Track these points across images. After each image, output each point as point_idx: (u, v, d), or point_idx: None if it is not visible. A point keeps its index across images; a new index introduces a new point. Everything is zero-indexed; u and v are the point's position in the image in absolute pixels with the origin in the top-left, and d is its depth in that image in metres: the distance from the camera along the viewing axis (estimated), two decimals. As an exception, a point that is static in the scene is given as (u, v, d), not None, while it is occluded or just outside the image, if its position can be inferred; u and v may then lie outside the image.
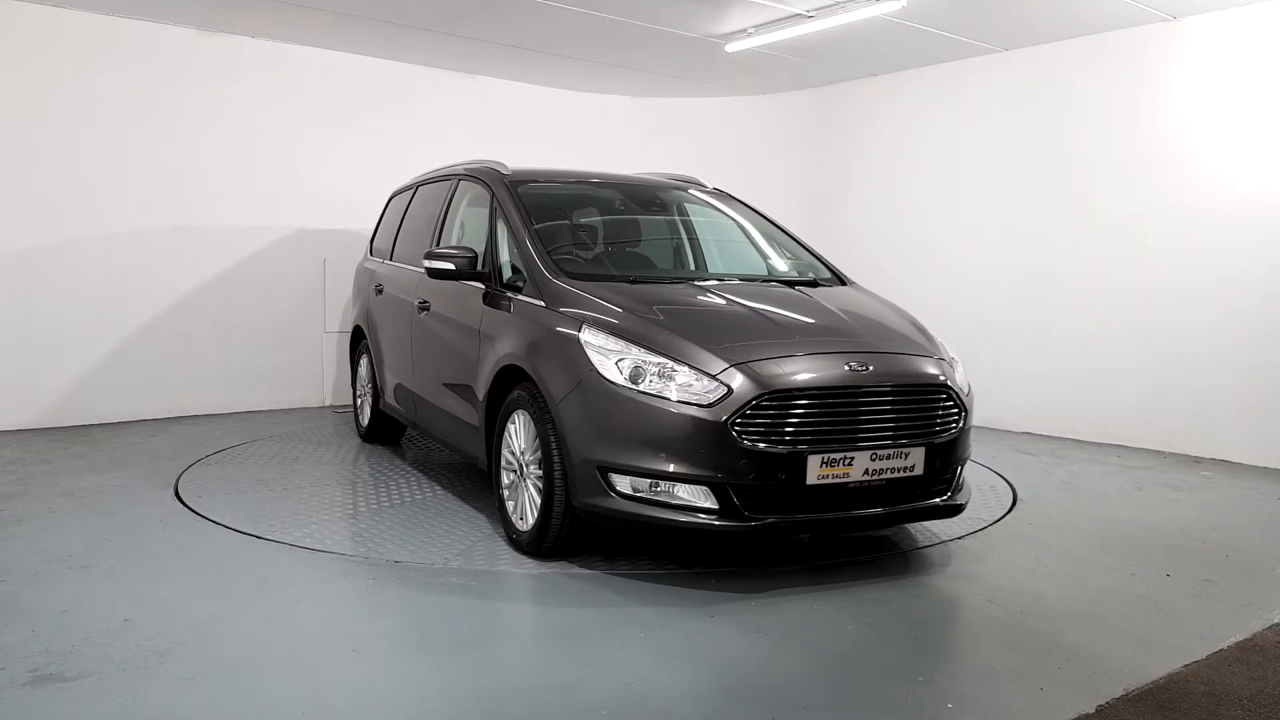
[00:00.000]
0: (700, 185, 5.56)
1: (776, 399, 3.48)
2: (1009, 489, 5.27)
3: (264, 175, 7.37)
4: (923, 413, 3.77)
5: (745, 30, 6.69)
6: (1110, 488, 5.39)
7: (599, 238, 5.00)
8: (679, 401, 3.47)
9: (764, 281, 4.63)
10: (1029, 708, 2.70)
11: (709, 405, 3.44)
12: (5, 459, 5.62)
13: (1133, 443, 6.56)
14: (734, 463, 3.42)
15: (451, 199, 5.27)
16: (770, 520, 3.49)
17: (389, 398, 5.73)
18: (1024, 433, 6.97)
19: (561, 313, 3.90)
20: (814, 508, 3.55)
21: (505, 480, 4.12)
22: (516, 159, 5.27)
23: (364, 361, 6.32)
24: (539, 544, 3.86)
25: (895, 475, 3.64)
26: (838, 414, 3.57)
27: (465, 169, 5.28)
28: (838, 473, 3.51)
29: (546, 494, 3.75)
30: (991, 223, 7.36)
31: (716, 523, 3.46)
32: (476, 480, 5.28)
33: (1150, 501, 5.12)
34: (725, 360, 3.53)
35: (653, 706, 2.67)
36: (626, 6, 6.20)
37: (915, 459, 3.67)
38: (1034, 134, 7.08)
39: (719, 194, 5.51)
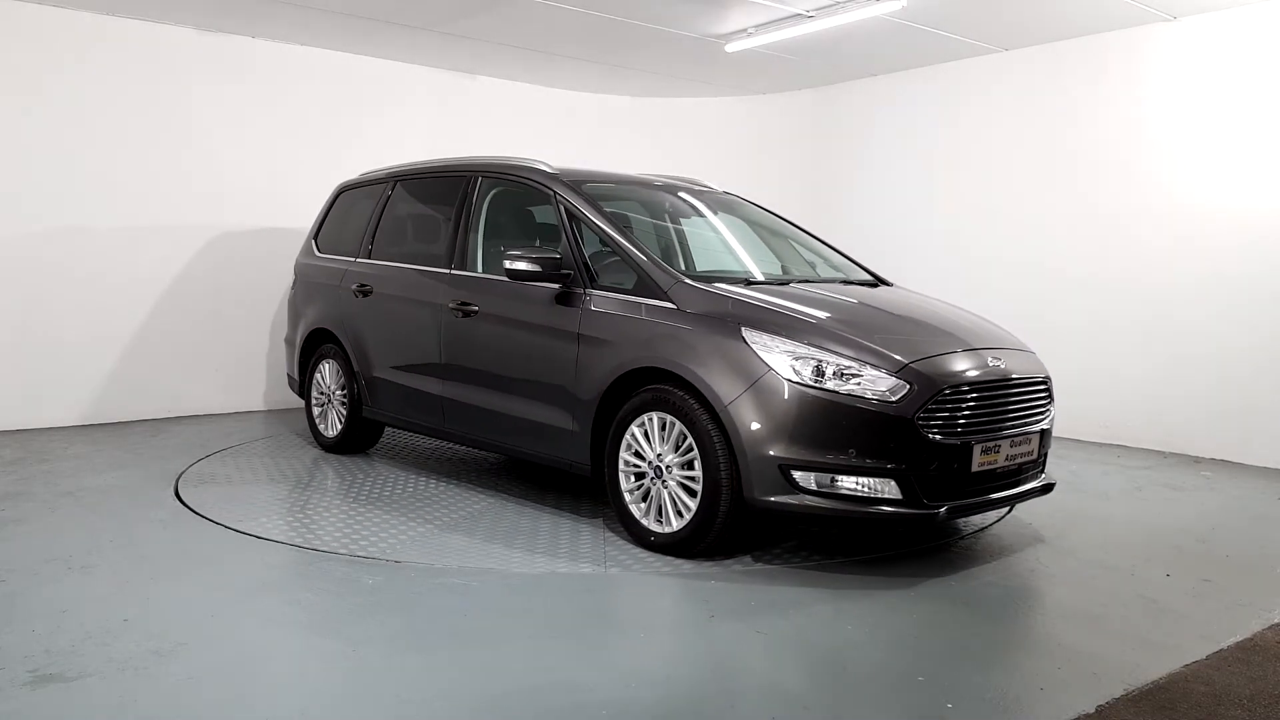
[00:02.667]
0: (706, 187, 5.59)
1: (952, 393, 3.74)
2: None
3: (264, 175, 7.37)
4: (1037, 401, 4.16)
5: (745, 30, 6.69)
6: (1110, 488, 5.39)
7: (668, 239, 5.00)
8: (867, 398, 3.63)
9: (844, 283, 4.81)
10: (1029, 708, 2.70)
11: (895, 401, 3.63)
12: (5, 459, 5.62)
13: (1133, 443, 6.56)
14: (918, 454, 3.64)
15: (471, 196, 5.10)
16: (946, 506, 3.72)
17: (385, 406, 5.46)
18: (1024, 433, 6.97)
19: (701, 314, 3.94)
20: (973, 492, 3.85)
21: (627, 484, 4.11)
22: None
23: (329, 367, 5.88)
24: (695, 544, 3.88)
25: (1022, 459, 4.02)
26: (992, 406, 3.90)
27: (489, 165, 5.14)
28: (990, 459, 3.85)
29: (710, 493, 3.78)
30: (991, 223, 7.37)
31: (902, 511, 3.65)
32: (504, 480, 5.28)
33: (1150, 501, 5.12)
34: (901, 357, 3.73)
35: (653, 707, 2.67)
36: (626, 6, 6.20)
37: (1034, 444, 4.09)
38: (1034, 134, 7.08)
39: (728, 195, 5.56)
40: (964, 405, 3.78)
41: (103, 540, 4.09)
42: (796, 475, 3.65)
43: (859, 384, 3.66)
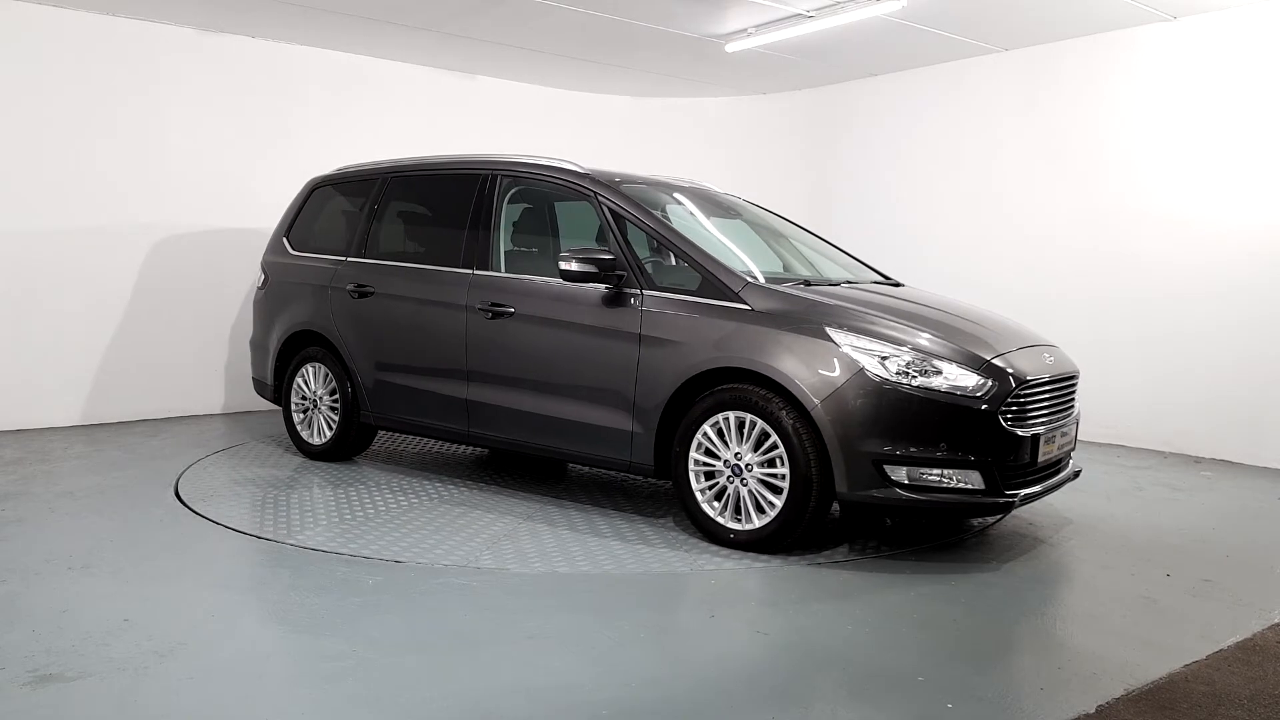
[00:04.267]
0: (710, 188, 5.59)
1: (1026, 389, 3.96)
2: (1009, 489, 5.27)
3: (264, 175, 7.37)
4: (1074, 394, 4.44)
5: (745, 30, 6.69)
6: (1110, 488, 5.39)
7: (712, 241, 4.97)
8: (956, 394, 3.82)
9: (874, 283, 4.95)
10: (1029, 707, 2.70)
11: (980, 396, 3.82)
12: (5, 459, 5.62)
13: (1133, 443, 6.56)
14: (1000, 446, 3.84)
15: (491, 195, 4.99)
16: (1021, 494, 3.93)
17: (391, 410, 5.29)
18: (1024, 433, 6.97)
19: (779, 315, 4.04)
20: (1034, 481, 4.05)
21: (699, 484, 4.16)
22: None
23: (314, 371, 5.63)
24: (782, 539, 3.98)
25: (1065, 448, 4.30)
26: (1051, 399, 4.15)
27: (512, 163, 5.06)
28: (1049, 449, 4.09)
29: (799, 490, 3.88)
30: (991, 223, 7.37)
31: (984, 500, 3.86)
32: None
33: (1150, 501, 5.13)
34: (982, 355, 3.95)
35: (653, 707, 2.67)
36: (626, 6, 6.20)
37: (1072, 434, 4.36)
38: (1034, 134, 7.08)
39: (734, 198, 5.57)
40: (1033, 399, 4.00)
41: (103, 540, 4.09)
42: (889, 469, 3.79)
43: (947, 380, 3.83)
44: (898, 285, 5.05)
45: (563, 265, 4.36)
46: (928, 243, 7.71)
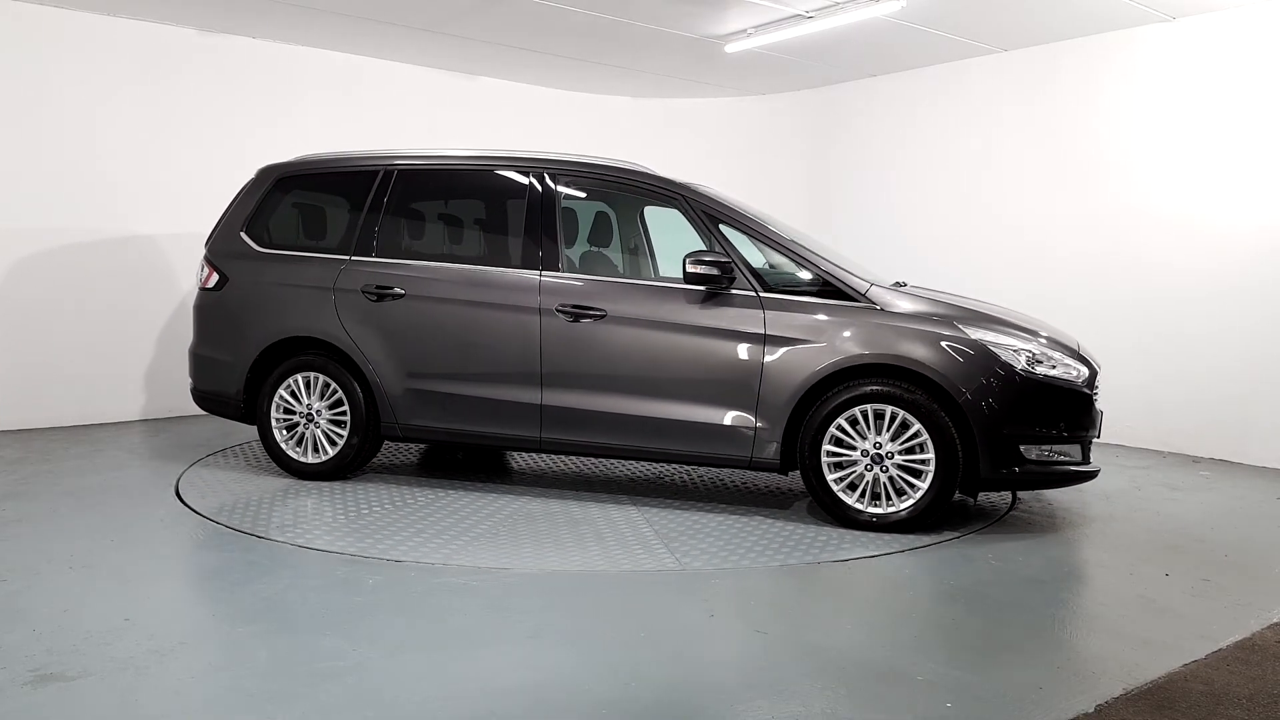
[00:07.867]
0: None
1: (1097, 374, 4.57)
2: (1008, 489, 5.28)
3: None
4: None
5: (745, 31, 6.70)
6: (1110, 488, 5.39)
7: (783, 245, 5.03)
8: (1069, 379, 4.38)
9: (899, 284, 5.10)
10: (1029, 707, 2.70)
11: (1081, 381, 4.42)
12: (6, 459, 5.62)
13: (1132, 443, 6.56)
14: (1091, 423, 4.45)
15: (549, 196, 4.89)
16: (1094, 464, 4.48)
17: (429, 419, 4.97)
18: (1023, 433, 6.97)
19: (910, 314, 4.42)
20: (1090, 453, 4.51)
21: (833, 475, 4.42)
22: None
23: (307, 381, 5.13)
24: (927, 519, 4.33)
25: None
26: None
27: (575, 164, 5.00)
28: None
29: (946, 473, 4.27)
30: (990, 223, 7.37)
31: (1081, 470, 4.41)
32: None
33: (1149, 501, 5.13)
34: (1074, 346, 4.61)
35: (652, 707, 2.67)
36: (626, 7, 6.21)
37: None
38: (1033, 134, 7.09)
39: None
40: (1098, 384, 4.56)
41: (103, 540, 4.10)
42: (1024, 449, 4.27)
43: (1063, 369, 4.39)
44: (904, 284, 5.10)
45: (689, 269, 4.50)
46: (926, 243, 7.72)
